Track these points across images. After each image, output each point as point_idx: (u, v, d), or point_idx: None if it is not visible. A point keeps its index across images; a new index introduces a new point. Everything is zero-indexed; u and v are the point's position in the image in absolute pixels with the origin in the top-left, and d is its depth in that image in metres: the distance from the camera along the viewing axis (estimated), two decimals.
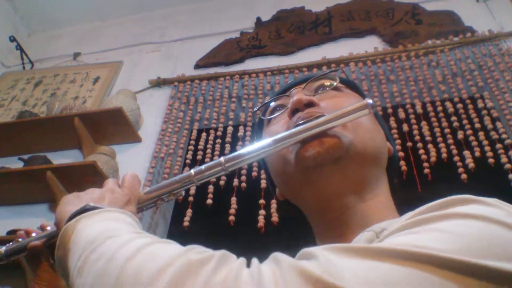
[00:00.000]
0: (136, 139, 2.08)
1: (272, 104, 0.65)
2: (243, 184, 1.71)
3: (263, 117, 0.66)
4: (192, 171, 0.57)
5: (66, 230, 0.46)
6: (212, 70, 2.31)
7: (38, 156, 1.98)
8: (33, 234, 0.65)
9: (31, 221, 1.80)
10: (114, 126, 2.02)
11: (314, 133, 0.52)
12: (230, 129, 1.95)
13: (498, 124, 1.68)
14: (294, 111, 0.57)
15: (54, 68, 2.68)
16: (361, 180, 0.53)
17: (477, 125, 1.69)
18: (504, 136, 1.63)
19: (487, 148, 1.60)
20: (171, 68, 2.44)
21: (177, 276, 0.32)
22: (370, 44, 2.16)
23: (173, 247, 0.37)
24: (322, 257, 0.33)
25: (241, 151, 0.56)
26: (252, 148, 0.56)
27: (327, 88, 0.62)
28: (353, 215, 0.52)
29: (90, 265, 0.38)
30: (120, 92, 2.21)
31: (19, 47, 2.73)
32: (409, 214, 0.40)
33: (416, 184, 1.56)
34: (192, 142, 1.96)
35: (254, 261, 0.34)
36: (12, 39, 2.72)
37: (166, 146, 1.99)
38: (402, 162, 1.60)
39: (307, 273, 0.31)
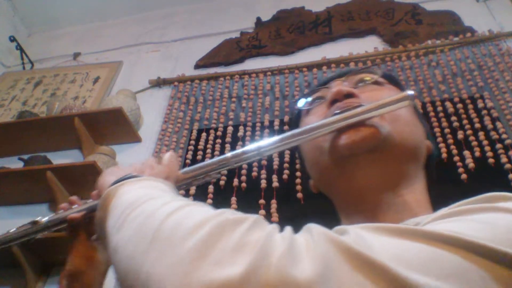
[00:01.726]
0: (136, 139, 2.08)
1: (311, 96, 0.64)
2: (243, 184, 1.71)
3: (300, 108, 0.65)
4: (230, 154, 0.58)
5: (108, 193, 0.48)
6: (212, 70, 2.31)
7: (38, 156, 1.98)
8: (75, 206, 0.66)
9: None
10: (114, 126, 2.02)
11: (351, 122, 0.51)
12: (230, 129, 1.95)
13: (498, 124, 1.68)
14: (333, 102, 0.57)
15: (54, 68, 2.69)
16: (397, 174, 0.52)
17: (477, 125, 1.69)
18: (504, 136, 1.63)
19: (487, 148, 1.60)
20: (171, 68, 2.44)
21: (212, 231, 0.32)
22: (370, 44, 2.16)
23: (210, 209, 0.38)
24: (353, 232, 0.33)
25: (276, 137, 0.56)
26: (287, 135, 0.56)
27: (368, 82, 0.61)
28: (386, 209, 0.51)
29: (129, 221, 0.39)
30: (120, 92, 2.21)
31: (19, 47, 2.73)
32: (444, 208, 0.40)
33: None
34: (192, 142, 1.96)
35: (288, 228, 0.35)
36: (12, 39, 2.72)
37: (166, 146, 1.99)
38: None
39: (337, 241, 0.31)
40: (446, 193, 0.58)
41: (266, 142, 0.56)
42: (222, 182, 1.72)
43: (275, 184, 1.67)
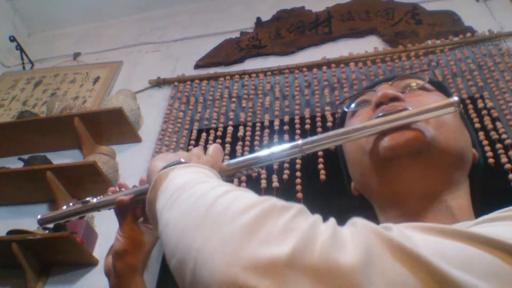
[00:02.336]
0: (136, 139, 2.09)
1: (357, 98, 0.65)
2: (243, 184, 1.71)
3: (346, 109, 0.66)
4: (271, 150, 0.59)
5: (159, 176, 0.50)
6: (212, 70, 2.31)
7: (38, 156, 1.98)
8: (122, 189, 0.70)
9: (31, 221, 1.80)
10: (114, 126, 2.02)
11: (396, 125, 0.51)
12: (230, 129, 1.95)
13: (498, 124, 1.68)
14: (378, 104, 0.57)
15: (54, 68, 2.69)
16: (440, 179, 0.52)
17: (477, 125, 1.69)
18: (504, 136, 1.63)
19: (487, 148, 1.60)
20: (171, 68, 2.44)
21: (261, 214, 0.34)
22: (370, 44, 2.16)
23: (256, 195, 0.40)
24: (396, 229, 0.34)
25: (320, 135, 0.57)
26: (330, 134, 0.56)
27: (414, 88, 0.61)
28: (428, 214, 0.51)
29: (181, 201, 0.42)
30: (120, 92, 2.21)
31: (19, 47, 2.73)
32: (484, 216, 0.40)
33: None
34: (192, 142, 1.96)
35: (331, 218, 0.36)
36: (12, 39, 2.72)
37: (166, 146, 1.99)
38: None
39: (380, 233, 0.32)
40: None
41: (308, 140, 0.57)
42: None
43: (275, 184, 1.67)
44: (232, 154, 1.85)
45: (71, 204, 0.71)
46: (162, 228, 0.42)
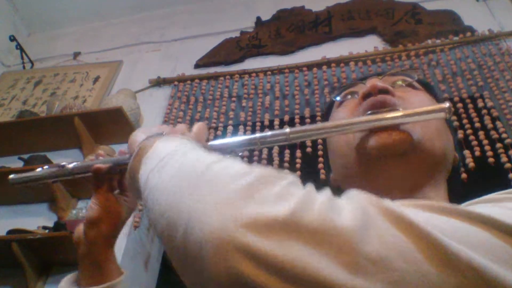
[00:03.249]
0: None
1: (346, 90, 0.65)
2: None
3: (334, 99, 0.66)
4: (258, 134, 0.58)
5: (144, 144, 0.50)
6: (212, 70, 2.31)
7: (38, 156, 1.98)
8: (100, 158, 0.69)
9: (31, 221, 1.80)
10: (114, 125, 2.02)
11: (385, 124, 0.52)
12: (230, 129, 1.95)
13: (498, 124, 1.68)
14: (366, 95, 0.57)
15: (54, 68, 2.69)
16: (421, 179, 0.53)
17: (477, 125, 1.69)
18: (504, 135, 1.63)
19: (487, 147, 1.60)
20: (171, 67, 2.44)
21: (257, 179, 0.34)
22: (370, 44, 2.16)
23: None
24: (393, 204, 0.34)
25: (308, 126, 0.57)
26: (319, 125, 0.57)
27: (403, 85, 0.62)
28: None
29: (171, 164, 0.41)
30: (120, 92, 2.21)
31: (19, 47, 2.73)
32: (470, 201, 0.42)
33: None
34: None
35: (326, 188, 0.36)
36: (12, 38, 2.72)
37: None
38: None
39: (375, 200, 0.33)
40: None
41: (296, 129, 0.57)
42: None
43: None
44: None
45: (45, 166, 0.69)
46: (148, 193, 0.41)
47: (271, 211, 0.31)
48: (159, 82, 2.33)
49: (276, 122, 1.92)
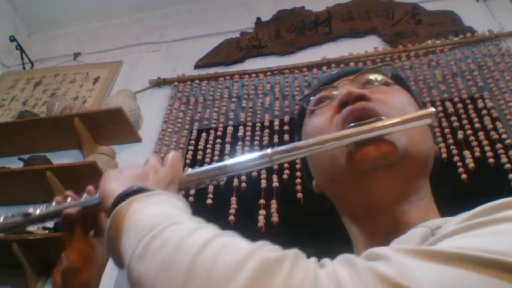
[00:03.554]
0: (136, 139, 2.08)
1: (317, 94, 0.62)
2: (243, 184, 1.71)
3: (306, 107, 0.62)
4: (238, 160, 0.56)
5: (118, 211, 0.46)
6: (212, 70, 2.31)
7: (38, 156, 1.98)
8: (69, 199, 0.64)
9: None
10: (114, 126, 2.02)
11: (371, 136, 0.51)
12: (230, 129, 1.95)
13: (498, 124, 1.68)
14: (343, 104, 0.55)
15: (54, 68, 2.69)
16: (411, 185, 0.52)
17: (477, 125, 1.69)
18: (504, 136, 1.63)
19: (487, 148, 1.60)
20: (171, 68, 2.44)
21: (254, 274, 0.31)
22: (370, 44, 2.16)
23: (242, 242, 0.36)
24: (394, 260, 0.32)
25: (290, 145, 0.54)
26: (302, 143, 0.54)
27: (377, 83, 0.59)
28: (397, 216, 0.51)
29: (153, 252, 0.37)
30: (120, 92, 2.21)
31: (19, 47, 2.73)
32: (464, 215, 0.40)
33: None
34: (192, 142, 1.96)
35: (327, 261, 0.34)
36: (12, 39, 2.72)
37: (166, 146, 1.99)
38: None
39: (383, 276, 0.31)
40: (446, 193, 0.58)
41: (276, 150, 0.54)
42: (222, 182, 1.72)
43: (275, 184, 1.67)
44: (232, 154, 1.85)
45: (9, 214, 0.64)
46: (133, 283, 0.38)
47: None
48: (159, 83, 2.33)
49: (276, 122, 1.92)
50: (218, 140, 1.92)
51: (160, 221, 0.40)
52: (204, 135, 1.96)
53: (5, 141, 2.12)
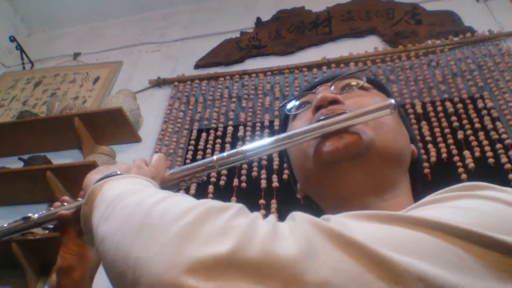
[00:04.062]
0: (136, 139, 2.09)
1: (298, 100, 0.66)
2: (243, 184, 1.71)
3: (288, 113, 0.67)
4: (215, 157, 0.58)
5: (94, 189, 0.50)
6: (212, 70, 2.31)
7: (38, 156, 1.98)
8: (65, 204, 0.68)
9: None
10: (114, 126, 2.02)
11: (334, 129, 0.53)
12: (230, 129, 1.95)
13: (498, 124, 1.68)
14: (317, 108, 0.58)
15: (54, 68, 2.69)
16: (381, 179, 0.53)
17: (477, 125, 1.69)
18: (504, 136, 1.63)
19: (487, 148, 1.60)
20: (171, 68, 2.44)
21: (198, 216, 0.33)
22: (370, 44, 2.16)
23: (194, 199, 0.39)
24: (334, 219, 0.35)
25: (262, 141, 0.57)
26: (273, 139, 0.57)
27: (354, 88, 0.62)
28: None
29: (117, 212, 0.41)
30: (120, 92, 2.21)
31: (19, 47, 2.74)
32: (423, 199, 0.42)
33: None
34: (192, 142, 1.96)
35: (271, 215, 0.36)
36: (12, 39, 2.72)
37: (166, 146, 1.99)
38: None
39: (318, 223, 0.33)
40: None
41: (251, 146, 0.57)
42: (222, 182, 1.73)
43: (275, 184, 1.67)
44: None
45: (11, 222, 0.68)
46: (98, 244, 0.41)
47: (212, 251, 0.30)
48: (159, 83, 2.33)
49: (276, 122, 1.92)
50: (218, 140, 1.92)
51: (127, 191, 0.44)
52: (204, 135, 1.96)
53: (5, 141, 2.12)
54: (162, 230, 0.33)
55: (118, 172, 0.54)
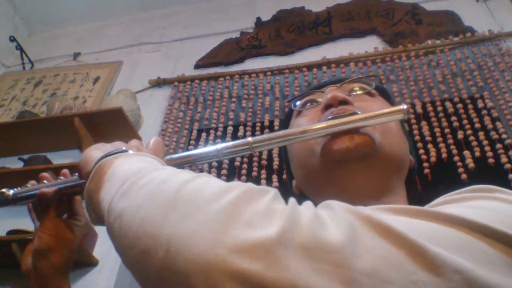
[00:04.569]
0: (136, 139, 2.08)
1: (305, 97, 0.65)
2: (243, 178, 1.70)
3: (294, 108, 0.66)
4: (219, 146, 0.56)
5: (101, 165, 0.47)
6: (212, 70, 2.31)
7: (38, 156, 1.98)
8: (45, 181, 0.64)
9: (31, 222, 1.80)
10: (114, 126, 2.01)
11: (345, 128, 0.53)
12: (230, 129, 1.95)
13: (498, 124, 1.68)
14: (327, 106, 0.58)
15: (54, 68, 2.69)
16: (383, 183, 0.54)
17: (477, 125, 1.69)
18: (504, 136, 1.63)
19: (487, 148, 1.60)
20: (171, 68, 2.44)
21: (239, 197, 0.32)
22: (370, 44, 2.16)
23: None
24: (369, 209, 0.35)
25: (270, 134, 0.56)
26: (281, 133, 0.56)
27: (361, 92, 0.62)
28: None
29: (138, 187, 0.38)
30: (120, 92, 2.21)
31: (19, 47, 2.73)
32: (439, 198, 0.42)
33: (416, 184, 1.56)
34: (192, 142, 1.96)
35: (307, 201, 0.36)
36: (12, 39, 2.72)
37: (166, 146, 1.99)
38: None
39: (357, 211, 0.33)
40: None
41: (258, 138, 0.56)
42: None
43: (275, 184, 1.67)
44: None
45: None
46: (113, 220, 0.38)
47: (261, 233, 0.29)
48: (159, 83, 2.33)
49: (276, 122, 1.92)
50: (218, 140, 1.92)
51: (144, 169, 0.41)
52: (204, 135, 1.96)
53: (5, 141, 2.12)
54: (200, 207, 0.32)
55: (124, 148, 0.51)
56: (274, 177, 1.69)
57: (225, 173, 1.75)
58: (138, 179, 0.39)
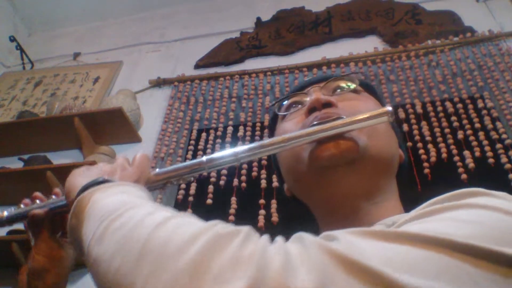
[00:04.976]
0: (136, 139, 2.08)
1: (288, 100, 0.64)
2: (243, 184, 1.71)
3: (278, 113, 0.65)
4: (204, 158, 0.56)
5: (80, 200, 0.46)
6: (212, 70, 2.31)
7: (38, 156, 1.98)
8: (37, 201, 0.64)
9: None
10: (114, 126, 2.02)
11: (330, 134, 0.52)
12: (230, 129, 1.95)
13: (498, 124, 1.68)
14: (311, 110, 0.57)
15: (54, 68, 2.69)
16: (373, 184, 0.54)
17: (477, 125, 1.69)
18: (504, 136, 1.63)
19: (487, 148, 1.60)
20: (171, 68, 2.44)
21: (205, 247, 0.32)
22: (370, 44, 2.16)
23: (198, 221, 0.37)
24: (343, 239, 0.34)
25: (255, 144, 0.56)
26: (266, 142, 0.56)
27: (345, 90, 0.61)
28: (363, 216, 0.53)
29: (111, 232, 0.38)
30: (120, 92, 2.21)
31: (19, 47, 2.73)
32: (419, 207, 0.41)
33: (416, 184, 1.56)
34: (192, 142, 1.96)
35: (278, 238, 0.35)
36: (12, 39, 2.72)
37: (166, 146, 1.99)
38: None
39: (330, 249, 0.32)
40: (446, 193, 0.58)
41: (243, 148, 0.56)
42: (222, 182, 1.72)
43: (275, 184, 1.67)
44: None
45: None
46: (91, 264, 0.38)
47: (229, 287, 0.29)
48: (159, 83, 2.33)
49: None
50: (218, 140, 1.92)
51: (120, 206, 0.41)
52: (204, 135, 1.96)
53: (5, 141, 2.12)
54: (168, 260, 0.32)
55: (104, 177, 0.50)
56: (274, 177, 1.69)
57: (225, 173, 1.75)
58: (112, 221, 0.39)
